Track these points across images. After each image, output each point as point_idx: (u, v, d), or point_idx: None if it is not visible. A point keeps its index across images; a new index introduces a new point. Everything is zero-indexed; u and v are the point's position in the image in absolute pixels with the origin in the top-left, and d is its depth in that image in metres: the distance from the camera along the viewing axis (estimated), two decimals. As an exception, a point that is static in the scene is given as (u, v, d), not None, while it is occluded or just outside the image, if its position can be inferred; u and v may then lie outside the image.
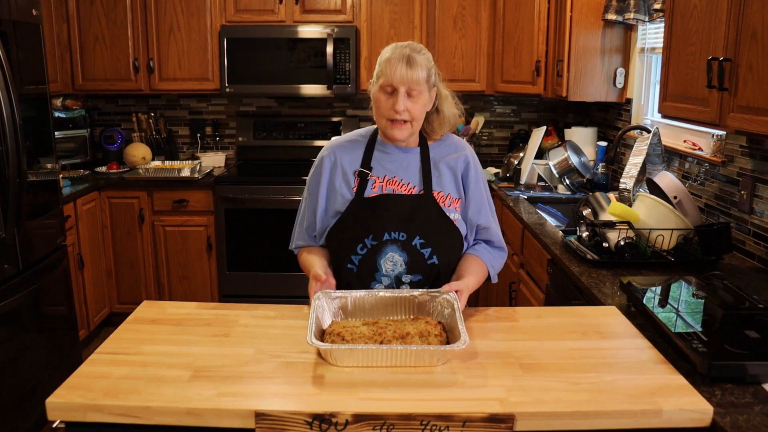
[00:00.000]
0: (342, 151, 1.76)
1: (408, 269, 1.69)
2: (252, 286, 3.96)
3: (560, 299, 2.35)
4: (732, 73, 1.85)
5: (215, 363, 1.38)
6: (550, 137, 4.03)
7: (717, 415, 1.23)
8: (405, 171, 1.74)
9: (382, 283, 1.70)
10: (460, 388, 1.29)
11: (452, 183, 1.75)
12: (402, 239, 1.68)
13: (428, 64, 1.66)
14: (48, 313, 2.98)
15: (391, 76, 1.62)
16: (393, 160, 1.74)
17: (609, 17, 3.27)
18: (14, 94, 2.57)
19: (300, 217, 1.83)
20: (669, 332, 1.49)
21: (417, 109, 1.65)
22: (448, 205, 1.73)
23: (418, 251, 1.68)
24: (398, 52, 1.64)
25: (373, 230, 1.68)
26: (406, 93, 1.63)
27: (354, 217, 1.70)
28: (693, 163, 2.72)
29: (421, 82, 1.63)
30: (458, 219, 1.74)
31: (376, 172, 1.73)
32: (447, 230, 1.71)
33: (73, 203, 3.54)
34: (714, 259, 2.22)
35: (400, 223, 1.68)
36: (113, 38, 4.02)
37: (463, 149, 1.80)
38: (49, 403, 1.24)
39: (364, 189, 1.72)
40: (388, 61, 1.63)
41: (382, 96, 1.66)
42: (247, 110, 4.51)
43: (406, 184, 1.73)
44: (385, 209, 1.69)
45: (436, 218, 1.70)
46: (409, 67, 1.61)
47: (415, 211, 1.69)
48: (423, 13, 4.03)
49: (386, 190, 1.72)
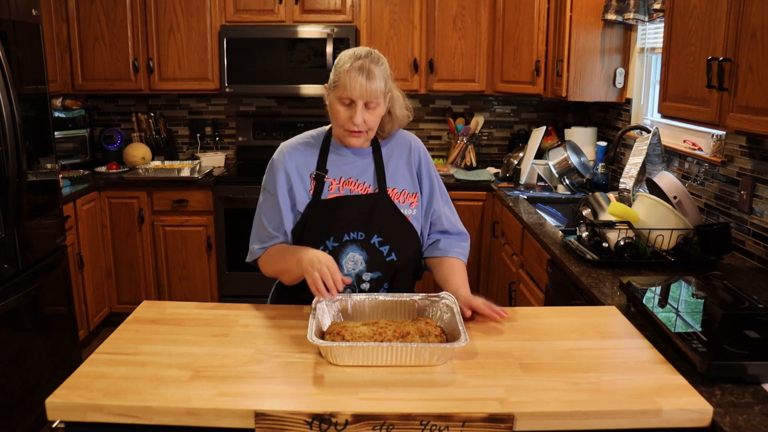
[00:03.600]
0: (296, 154, 1.76)
1: (368, 267, 1.72)
2: (252, 286, 3.96)
3: (560, 299, 2.35)
4: (732, 73, 1.85)
5: (215, 363, 1.38)
6: (549, 137, 4.03)
7: (717, 415, 1.23)
8: (360, 171, 1.76)
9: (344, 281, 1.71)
10: (460, 388, 1.29)
11: (407, 178, 1.79)
12: (361, 239, 1.71)
13: (385, 74, 1.67)
14: (48, 313, 2.98)
15: (350, 90, 1.61)
16: (348, 162, 1.76)
17: (609, 17, 3.27)
18: (14, 94, 2.57)
19: (257, 222, 1.78)
20: (669, 332, 1.49)
21: (373, 120, 1.68)
22: (402, 201, 1.76)
23: (377, 249, 1.71)
24: (358, 63, 1.62)
25: (332, 232, 1.70)
26: (363, 105, 1.64)
27: (313, 220, 1.72)
28: (693, 163, 2.72)
29: (379, 95, 1.64)
30: (413, 215, 1.77)
31: (332, 173, 1.75)
32: (402, 227, 1.74)
33: (73, 203, 3.54)
34: (714, 259, 2.22)
35: (358, 223, 1.71)
36: (113, 38, 4.02)
37: (411, 141, 1.84)
38: (49, 403, 1.23)
39: (321, 191, 1.73)
40: (347, 73, 1.61)
41: (339, 107, 1.65)
42: (247, 110, 4.51)
43: (361, 183, 1.75)
44: (343, 210, 1.71)
45: (392, 216, 1.74)
46: (368, 80, 1.61)
47: (372, 211, 1.72)
48: (423, 13, 4.03)
49: (343, 191, 1.74)
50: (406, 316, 1.59)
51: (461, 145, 4.28)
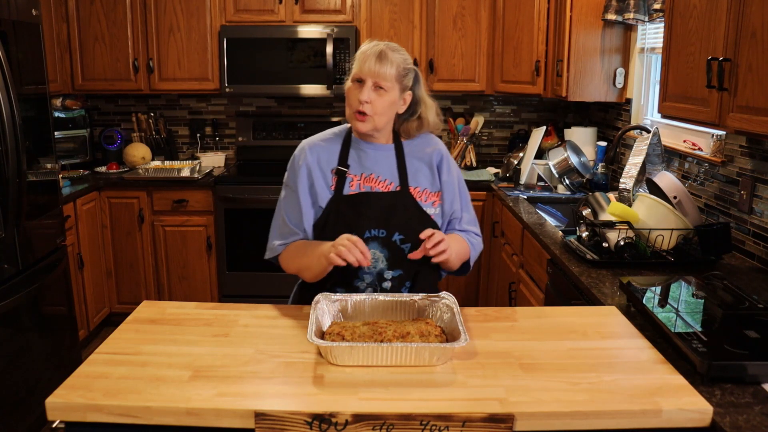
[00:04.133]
0: (319, 149, 1.78)
1: (389, 265, 1.71)
2: (252, 286, 3.96)
3: (560, 299, 2.35)
4: (732, 73, 1.85)
5: (215, 363, 1.38)
6: (549, 137, 4.03)
7: (717, 415, 1.23)
8: (381, 168, 1.76)
9: (365, 280, 1.71)
10: (460, 388, 1.29)
11: (428, 177, 1.78)
12: (382, 236, 1.70)
13: (402, 63, 1.69)
14: (48, 313, 2.98)
15: (360, 68, 1.66)
16: (369, 158, 1.76)
17: (609, 17, 3.27)
18: (14, 94, 2.57)
19: (278, 218, 1.79)
20: (669, 332, 1.49)
21: (381, 104, 1.67)
22: (425, 200, 1.76)
23: (399, 247, 1.71)
24: (374, 47, 1.68)
25: (354, 228, 1.69)
26: (373, 85, 1.66)
27: (335, 215, 1.72)
28: (693, 163, 2.72)
29: (388, 78, 1.65)
30: (436, 213, 1.76)
31: (354, 169, 1.75)
32: (424, 225, 1.73)
33: (73, 203, 3.54)
34: (714, 259, 2.22)
35: (379, 220, 1.70)
36: (113, 38, 4.02)
37: (436, 143, 1.84)
38: (49, 403, 1.23)
39: (342, 186, 1.73)
40: (362, 54, 1.68)
41: (352, 87, 1.70)
42: (247, 110, 4.51)
43: (383, 180, 1.75)
44: (365, 207, 1.71)
45: (414, 214, 1.73)
46: (378, 61, 1.64)
47: (394, 208, 1.71)
48: (423, 13, 4.04)
49: (364, 188, 1.74)
50: (406, 316, 1.59)
51: (461, 145, 4.28)
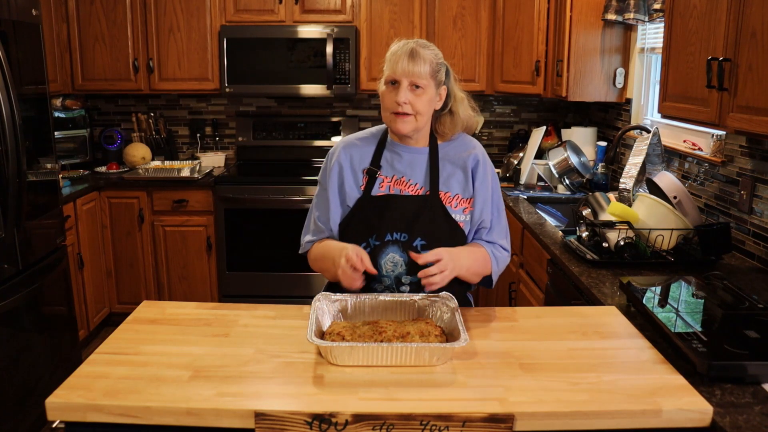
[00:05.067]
0: (353, 149, 1.77)
1: (408, 270, 1.69)
2: (252, 286, 3.96)
3: (560, 299, 2.35)
4: (732, 73, 1.85)
5: (215, 363, 1.38)
6: (549, 137, 4.03)
7: (717, 415, 1.23)
8: (413, 171, 1.74)
9: (383, 283, 1.70)
10: (460, 388, 1.29)
11: (461, 182, 1.74)
12: (404, 240, 1.68)
13: (435, 59, 1.67)
14: (48, 313, 2.98)
15: (393, 69, 1.64)
16: (402, 161, 1.74)
17: (609, 17, 3.27)
18: (14, 94, 2.57)
19: (310, 215, 1.81)
20: (669, 332, 1.49)
21: (421, 103, 1.65)
22: (455, 205, 1.72)
23: (419, 252, 1.68)
24: (404, 46, 1.66)
25: (376, 230, 1.68)
26: (409, 86, 1.64)
27: (360, 216, 1.71)
28: (693, 163, 2.72)
29: (423, 76, 1.63)
30: (465, 220, 1.73)
31: (385, 171, 1.74)
32: (450, 232, 1.71)
33: (73, 203, 3.54)
34: (714, 259, 2.22)
35: (402, 223, 1.68)
36: (113, 38, 4.02)
37: (474, 148, 1.79)
38: (49, 403, 1.23)
39: (371, 187, 1.72)
40: (393, 55, 1.66)
41: (387, 90, 1.68)
42: (247, 110, 4.51)
43: (413, 184, 1.73)
44: (389, 209, 1.69)
45: (441, 219, 1.70)
46: (411, 60, 1.62)
47: (419, 212, 1.69)
48: (423, 13, 4.03)
49: (393, 190, 1.72)
50: (406, 316, 1.59)
51: (461, 145, 4.28)
